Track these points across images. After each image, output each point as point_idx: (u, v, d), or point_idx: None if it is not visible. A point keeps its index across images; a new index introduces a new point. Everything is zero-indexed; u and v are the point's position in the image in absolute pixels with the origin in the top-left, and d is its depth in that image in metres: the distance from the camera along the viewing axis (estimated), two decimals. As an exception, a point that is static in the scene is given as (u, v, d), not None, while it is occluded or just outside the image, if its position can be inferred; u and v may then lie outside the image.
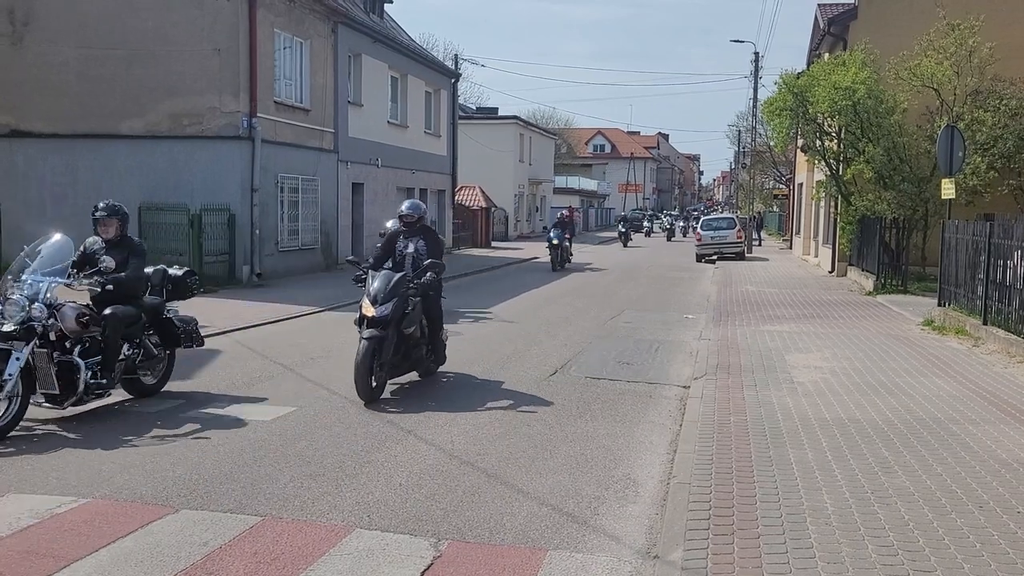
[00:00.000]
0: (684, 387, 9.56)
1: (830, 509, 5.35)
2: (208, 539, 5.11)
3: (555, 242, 28.15)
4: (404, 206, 9.68)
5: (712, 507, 5.39)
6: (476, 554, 5.00)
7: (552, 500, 5.91)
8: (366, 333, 8.57)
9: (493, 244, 41.53)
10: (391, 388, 9.25)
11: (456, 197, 37.74)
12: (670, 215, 70.93)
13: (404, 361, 9.15)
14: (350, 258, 10.81)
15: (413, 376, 9.84)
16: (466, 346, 12.26)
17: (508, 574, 4.76)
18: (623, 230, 45.77)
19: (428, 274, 9.08)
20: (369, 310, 8.65)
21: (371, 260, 9.54)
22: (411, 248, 9.43)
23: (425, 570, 4.75)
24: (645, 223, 60.82)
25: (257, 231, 19.74)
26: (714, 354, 11.12)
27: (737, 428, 7.34)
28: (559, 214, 30.72)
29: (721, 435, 7.12)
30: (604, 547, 5.15)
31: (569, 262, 28.92)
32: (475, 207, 42.04)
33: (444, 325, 9.90)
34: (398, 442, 7.27)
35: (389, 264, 9.46)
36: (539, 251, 34.69)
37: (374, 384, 8.54)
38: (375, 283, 8.83)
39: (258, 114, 19.62)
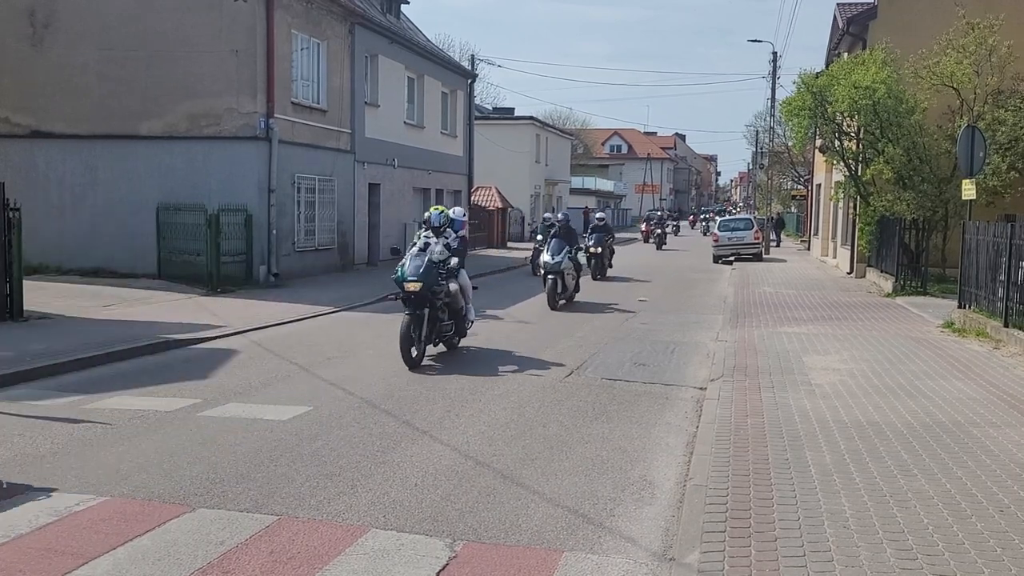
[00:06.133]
0: (701, 389, 9.52)
1: (848, 512, 5.31)
2: (224, 538, 5.13)
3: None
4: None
5: (729, 509, 5.36)
6: (491, 555, 5.00)
7: (568, 501, 5.89)
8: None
9: (509, 244, 41.57)
10: (408, 389, 9.30)
11: (472, 197, 37.77)
12: (545, 224, 21.96)
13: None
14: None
15: (426, 376, 9.92)
16: (482, 346, 12.27)
17: (523, 575, 4.75)
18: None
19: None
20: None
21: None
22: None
23: (440, 570, 4.75)
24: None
25: (274, 231, 19.83)
26: (731, 356, 11.07)
27: (754, 430, 7.30)
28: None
29: (738, 437, 7.08)
30: (620, 549, 5.13)
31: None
32: (491, 207, 42.08)
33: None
34: (413, 442, 7.28)
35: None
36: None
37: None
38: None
39: (275, 115, 19.71)
